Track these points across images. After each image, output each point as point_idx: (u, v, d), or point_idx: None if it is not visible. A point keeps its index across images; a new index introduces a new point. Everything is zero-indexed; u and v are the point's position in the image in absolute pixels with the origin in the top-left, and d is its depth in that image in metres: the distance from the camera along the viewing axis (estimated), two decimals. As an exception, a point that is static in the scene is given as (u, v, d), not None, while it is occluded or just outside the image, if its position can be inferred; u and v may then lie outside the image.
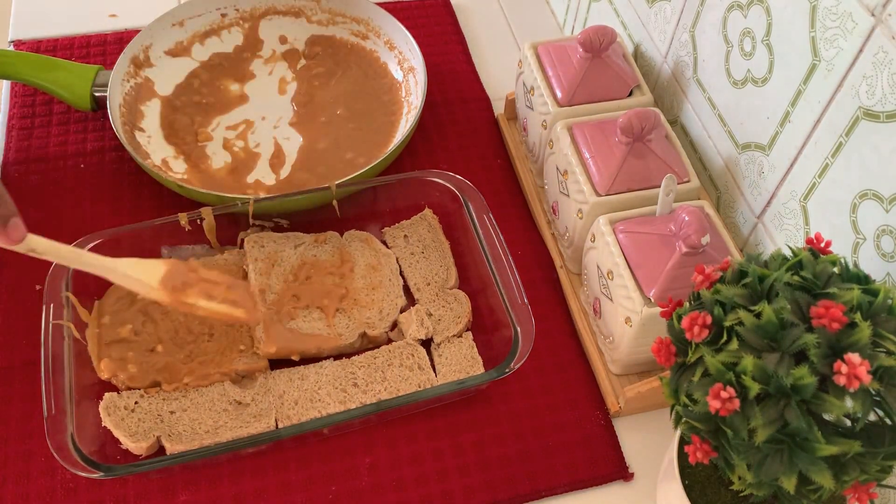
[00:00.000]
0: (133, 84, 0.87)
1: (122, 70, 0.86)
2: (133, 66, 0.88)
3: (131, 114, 0.85)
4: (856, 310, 0.43)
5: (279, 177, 0.83)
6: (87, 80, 0.85)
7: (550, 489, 0.66)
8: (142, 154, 0.81)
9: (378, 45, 0.94)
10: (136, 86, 0.87)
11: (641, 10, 0.84)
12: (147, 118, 0.86)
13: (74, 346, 0.67)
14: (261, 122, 0.88)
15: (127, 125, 0.83)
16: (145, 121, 0.86)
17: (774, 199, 0.68)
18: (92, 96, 0.85)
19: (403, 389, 0.68)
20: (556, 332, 0.75)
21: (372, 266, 0.76)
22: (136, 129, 0.84)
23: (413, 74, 0.89)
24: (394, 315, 0.73)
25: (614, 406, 0.70)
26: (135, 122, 0.85)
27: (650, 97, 0.78)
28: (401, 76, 0.91)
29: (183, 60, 0.92)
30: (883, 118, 0.54)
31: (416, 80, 0.89)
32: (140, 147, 0.83)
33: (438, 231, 0.78)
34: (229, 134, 0.87)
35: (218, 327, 0.71)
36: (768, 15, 0.64)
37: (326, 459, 0.67)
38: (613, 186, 0.70)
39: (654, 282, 0.63)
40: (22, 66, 0.85)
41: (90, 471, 0.59)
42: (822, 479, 0.43)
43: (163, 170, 0.82)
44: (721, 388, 0.43)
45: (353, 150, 0.85)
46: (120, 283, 0.61)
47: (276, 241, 0.76)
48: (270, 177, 0.83)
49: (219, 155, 0.85)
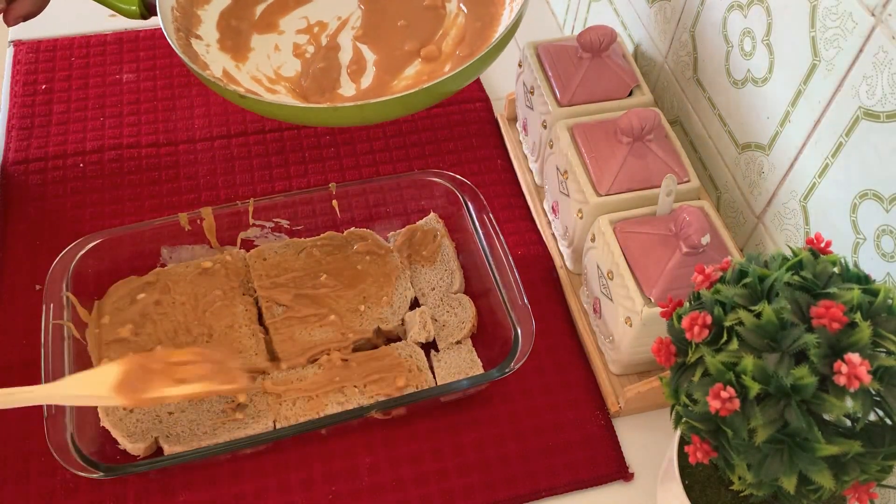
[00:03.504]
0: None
1: None
2: None
3: (186, 18, 0.75)
4: (856, 310, 0.43)
5: (359, 86, 0.72)
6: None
7: (550, 489, 0.66)
8: (200, 65, 0.73)
9: None
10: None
11: (641, 10, 0.84)
12: (205, 24, 0.75)
13: (74, 346, 0.67)
14: (335, 22, 0.76)
15: (181, 31, 0.73)
16: (203, 27, 0.75)
17: (774, 199, 0.68)
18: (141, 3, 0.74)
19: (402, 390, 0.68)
20: (556, 332, 0.75)
21: (376, 263, 0.76)
22: (193, 37, 0.74)
23: None
24: (405, 308, 0.73)
25: (614, 406, 0.70)
26: (190, 27, 0.75)
27: (650, 97, 0.78)
28: None
29: None
30: (883, 118, 0.54)
31: None
32: (197, 57, 0.73)
33: (444, 235, 0.78)
34: (299, 38, 0.75)
35: (217, 328, 0.71)
36: (768, 15, 0.64)
37: (326, 459, 0.67)
38: (613, 186, 0.70)
39: (654, 282, 0.63)
40: None
41: (90, 471, 0.59)
42: (822, 479, 0.43)
43: (223, 81, 0.71)
44: (721, 388, 0.43)
45: (446, 42, 0.72)
46: (73, 404, 0.58)
47: (278, 252, 0.76)
48: (350, 87, 0.72)
49: (289, 64, 0.74)
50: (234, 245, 0.77)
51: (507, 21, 0.69)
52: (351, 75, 0.72)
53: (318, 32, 0.75)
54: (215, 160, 0.86)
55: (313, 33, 0.75)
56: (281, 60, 0.74)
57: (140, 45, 0.96)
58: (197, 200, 0.83)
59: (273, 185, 0.85)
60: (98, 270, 0.71)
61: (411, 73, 0.71)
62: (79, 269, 0.70)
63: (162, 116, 0.89)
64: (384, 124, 0.89)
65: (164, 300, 0.72)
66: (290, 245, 0.76)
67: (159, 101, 0.91)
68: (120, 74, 0.93)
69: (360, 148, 0.88)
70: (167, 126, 0.89)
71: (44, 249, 0.78)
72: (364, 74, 0.71)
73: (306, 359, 0.70)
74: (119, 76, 0.93)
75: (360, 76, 0.72)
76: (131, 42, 0.96)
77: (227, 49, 0.75)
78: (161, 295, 0.72)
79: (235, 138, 0.88)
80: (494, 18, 0.73)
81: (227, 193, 0.84)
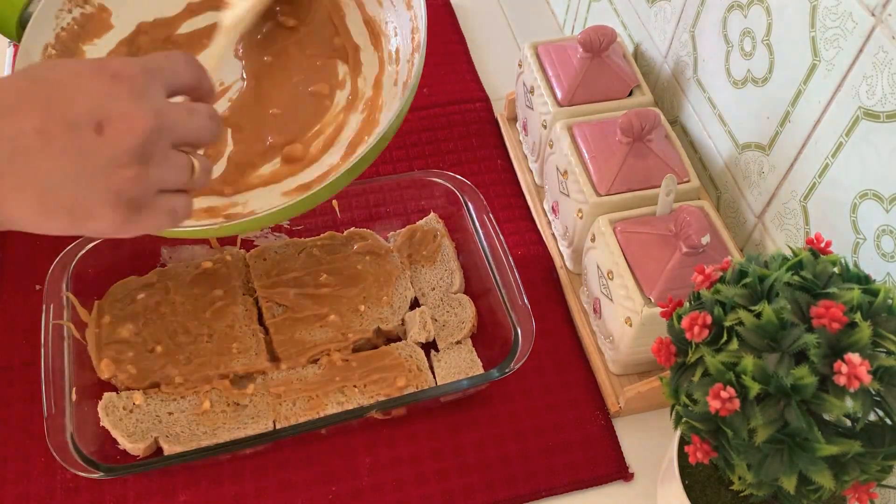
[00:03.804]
0: (77, 15, 0.63)
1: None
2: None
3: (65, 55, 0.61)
4: (856, 310, 0.43)
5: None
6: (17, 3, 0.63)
7: (550, 489, 0.66)
8: None
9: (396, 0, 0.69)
10: (83, 17, 0.64)
11: (641, 10, 0.84)
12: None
13: (74, 346, 0.67)
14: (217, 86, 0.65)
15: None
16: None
17: (774, 199, 0.68)
18: (19, 24, 0.61)
19: (402, 390, 0.68)
20: (556, 332, 0.75)
21: (376, 263, 0.76)
22: None
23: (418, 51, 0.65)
24: (405, 308, 0.73)
25: (614, 406, 0.70)
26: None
27: (650, 97, 0.78)
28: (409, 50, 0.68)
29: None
30: (883, 118, 0.54)
31: (417, 56, 0.64)
32: None
33: (444, 235, 0.78)
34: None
35: (217, 328, 0.71)
36: (768, 15, 0.64)
37: (326, 459, 0.67)
38: (613, 186, 0.70)
39: (654, 282, 0.63)
40: None
41: (90, 471, 0.59)
42: (822, 479, 0.43)
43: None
44: (721, 388, 0.43)
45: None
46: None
47: (278, 252, 0.76)
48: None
49: None
50: (234, 245, 0.77)
51: (385, 122, 0.59)
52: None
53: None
54: (215, 160, 0.86)
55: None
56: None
57: (140, 45, 0.96)
58: (197, 200, 0.83)
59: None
60: (98, 270, 0.71)
61: (266, 172, 0.63)
62: (79, 269, 0.70)
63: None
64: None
65: (164, 300, 0.72)
66: (290, 245, 0.76)
67: (159, 101, 0.91)
68: (120, 74, 0.93)
69: (360, 148, 0.88)
70: (167, 126, 0.89)
71: (44, 249, 0.78)
72: (217, 162, 0.63)
73: (306, 359, 0.70)
74: (119, 76, 0.93)
75: (214, 163, 0.62)
76: (131, 42, 0.96)
77: None
78: (161, 295, 0.72)
79: (235, 138, 0.88)
80: (371, 125, 0.64)
81: (227, 193, 0.84)
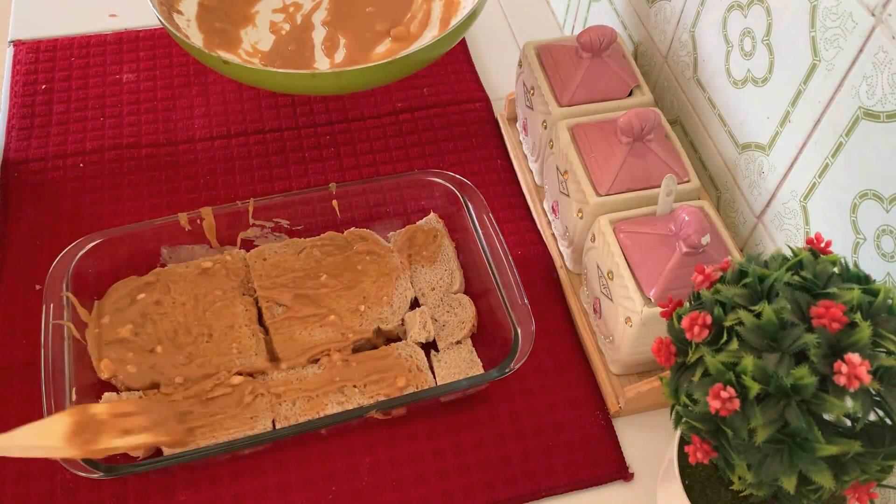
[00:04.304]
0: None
1: None
2: None
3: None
4: (856, 310, 0.43)
5: (333, 61, 0.77)
6: None
7: (550, 489, 0.66)
8: (182, 36, 0.75)
9: None
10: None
11: (641, 10, 0.84)
12: (185, 1, 0.79)
13: (74, 346, 0.67)
14: (310, 3, 0.81)
15: (164, 4, 0.77)
16: (183, 3, 0.79)
17: (774, 199, 0.68)
18: None
19: (402, 390, 0.68)
20: (556, 332, 0.75)
21: (376, 263, 0.76)
22: (174, 11, 0.78)
23: None
24: (405, 308, 0.73)
25: (614, 406, 0.70)
26: (172, 1, 0.79)
27: (650, 97, 0.78)
28: None
29: None
30: (883, 118, 0.54)
31: None
32: (180, 29, 0.76)
33: (444, 235, 0.78)
34: (276, 17, 0.79)
35: (217, 328, 0.71)
36: (768, 15, 0.64)
37: (326, 459, 0.67)
38: (613, 186, 0.70)
39: (654, 282, 0.63)
40: None
41: (90, 471, 0.59)
42: (822, 479, 0.43)
43: (207, 49, 0.75)
44: (721, 388, 0.43)
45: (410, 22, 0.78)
46: (25, 456, 0.58)
47: (278, 252, 0.76)
48: (324, 62, 0.76)
49: (265, 39, 0.78)
50: (234, 245, 0.77)
51: (471, 3, 0.74)
52: (325, 51, 0.76)
53: (294, 12, 0.79)
54: (215, 160, 0.86)
55: (289, 13, 0.79)
56: (258, 36, 0.77)
57: (140, 45, 0.96)
58: (197, 200, 0.83)
59: (273, 185, 0.85)
60: (98, 270, 0.72)
61: (381, 51, 0.76)
62: (79, 269, 0.70)
63: (162, 116, 0.89)
64: (384, 123, 0.89)
65: (164, 300, 0.72)
66: (290, 245, 0.76)
67: (159, 101, 0.91)
68: (120, 74, 0.93)
69: (360, 148, 0.88)
70: (167, 126, 0.89)
71: (44, 249, 0.78)
72: (337, 51, 0.76)
73: (306, 359, 0.70)
74: (119, 76, 0.93)
75: (334, 52, 0.76)
76: (131, 42, 0.96)
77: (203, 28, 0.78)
78: (161, 295, 0.72)
79: (235, 138, 0.88)
80: (455, 6, 0.79)
81: (227, 193, 0.84)
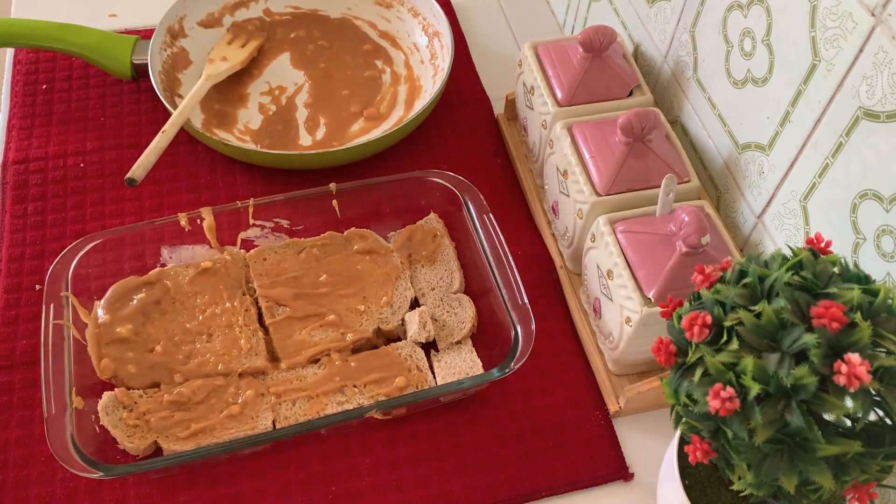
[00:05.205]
0: (169, 53, 0.91)
1: (160, 39, 0.90)
2: (169, 35, 0.91)
3: (170, 80, 0.89)
4: (856, 310, 0.43)
5: (315, 138, 0.88)
6: (126, 49, 0.89)
7: (550, 489, 0.66)
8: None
9: (402, 14, 0.98)
10: (173, 55, 0.91)
11: (641, 10, 0.84)
12: (184, 86, 0.90)
13: (74, 346, 0.67)
14: (293, 86, 0.93)
15: (167, 91, 0.87)
16: (183, 88, 0.89)
17: (774, 199, 0.68)
18: (132, 64, 0.89)
19: (402, 390, 0.68)
20: (556, 332, 0.75)
21: (376, 263, 0.76)
22: (176, 96, 0.88)
23: (438, 38, 0.93)
24: (405, 308, 0.73)
25: (614, 406, 0.70)
26: (174, 88, 0.89)
27: (650, 97, 0.78)
28: (426, 41, 0.95)
29: (215, 31, 0.96)
30: (883, 118, 0.54)
31: (441, 43, 0.92)
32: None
33: (444, 235, 0.78)
34: (263, 99, 0.91)
35: (217, 328, 0.71)
36: (768, 15, 0.64)
37: (326, 459, 0.67)
38: (613, 186, 0.70)
39: (654, 282, 0.63)
40: (63, 33, 0.89)
41: (90, 471, 0.59)
42: (822, 479, 0.43)
43: (211, 133, 0.85)
44: (721, 388, 0.43)
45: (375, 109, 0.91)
46: None
47: (278, 252, 0.76)
48: (307, 138, 0.88)
49: (255, 119, 0.89)
50: (234, 245, 0.77)
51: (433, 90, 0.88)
52: (307, 130, 0.89)
53: (279, 94, 0.92)
54: (215, 160, 0.86)
55: (275, 95, 0.92)
56: (248, 116, 0.89)
57: (140, 45, 0.96)
58: (197, 200, 0.83)
59: (273, 185, 0.85)
60: (98, 270, 0.72)
61: (356, 129, 0.89)
62: (79, 269, 0.70)
63: (162, 116, 0.89)
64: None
65: (164, 300, 0.72)
66: (290, 245, 0.76)
67: (159, 101, 0.91)
68: (120, 74, 0.93)
69: (360, 148, 0.88)
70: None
71: (44, 249, 0.78)
72: (318, 129, 0.89)
73: (306, 359, 0.70)
74: (119, 76, 0.93)
75: (315, 130, 0.89)
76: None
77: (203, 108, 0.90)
78: (161, 295, 0.72)
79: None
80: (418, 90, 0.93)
81: (227, 193, 0.84)
